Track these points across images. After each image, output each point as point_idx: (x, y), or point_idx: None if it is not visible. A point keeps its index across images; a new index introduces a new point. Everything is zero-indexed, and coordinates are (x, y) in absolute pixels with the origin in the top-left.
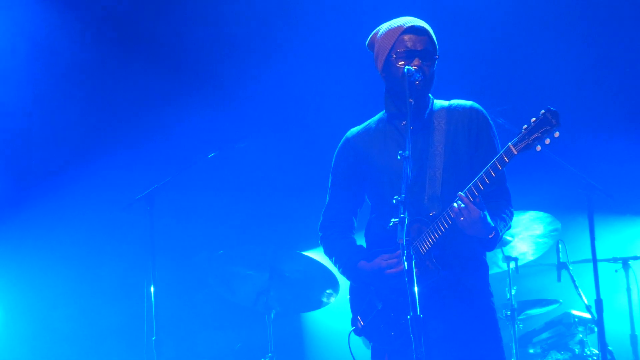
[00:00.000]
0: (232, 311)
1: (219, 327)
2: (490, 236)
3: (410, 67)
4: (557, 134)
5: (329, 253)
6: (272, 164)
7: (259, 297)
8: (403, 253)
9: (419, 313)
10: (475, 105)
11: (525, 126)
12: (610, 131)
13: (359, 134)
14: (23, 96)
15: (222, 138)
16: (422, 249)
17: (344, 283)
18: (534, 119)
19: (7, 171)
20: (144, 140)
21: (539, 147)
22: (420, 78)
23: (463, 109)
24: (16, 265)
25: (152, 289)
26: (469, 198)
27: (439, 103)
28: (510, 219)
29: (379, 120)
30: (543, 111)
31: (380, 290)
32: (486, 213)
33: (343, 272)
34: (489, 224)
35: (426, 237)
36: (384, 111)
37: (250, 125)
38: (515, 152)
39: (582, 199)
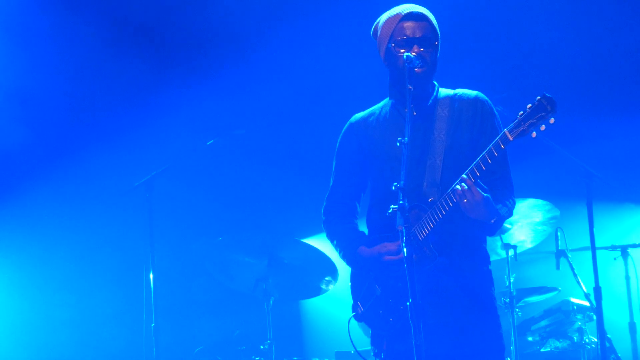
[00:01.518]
0: (230, 298)
1: (217, 314)
2: (492, 221)
3: (409, 54)
4: (552, 120)
5: (330, 237)
6: (271, 150)
7: (257, 284)
8: (402, 239)
9: (418, 300)
10: (481, 95)
11: (521, 112)
12: (609, 119)
13: (362, 119)
14: (20, 84)
15: (221, 125)
16: (420, 235)
17: (342, 270)
18: (529, 105)
19: (6, 158)
20: (143, 127)
21: (534, 134)
22: (420, 64)
23: (468, 98)
24: (15, 252)
25: (151, 275)
26: (470, 180)
27: (444, 91)
28: (512, 208)
29: (384, 107)
30: (539, 97)
31: (379, 276)
32: (489, 196)
33: (343, 257)
34: (492, 207)
35: (424, 223)
36: (388, 98)
37: (249, 112)
38: (511, 139)
39: (581, 187)
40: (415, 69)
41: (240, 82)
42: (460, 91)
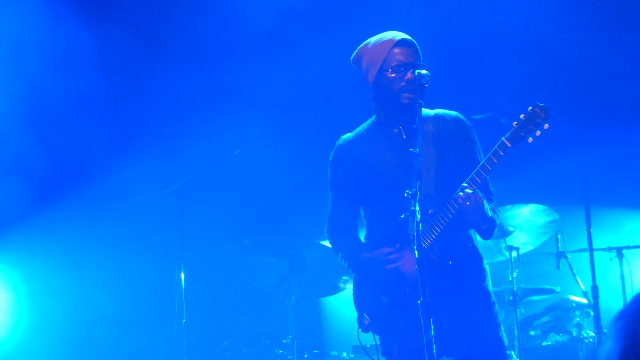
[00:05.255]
0: (255, 296)
1: (243, 311)
2: (484, 226)
3: (420, 70)
4: (546, 126)
5: (336, 251)
6: (293, 159)
7: (280, 283)
8: (414, 243)
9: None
10: (460, 115)
11: (515, 122)
12: (604, 127)
13: (350, 140)
14: (63, 97)
15: (247, 136)
16: (424, 244)
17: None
18: (522, 115)
19: (55, 167)
20: (175, 139)
21: (530, 139)
22: (411, 90)
23: (449, 117)
24: (60, 253)
25: (182, 275)
26: (472, 186)
27: (424, 111)
28: (498, 214)
29: (369, 127)
30: (531, 107)
31: (384, 284)
32: (485, 202)
33: (349, 266)
34: (486, 212)
35: (427, 233)
36: (374, 117)
37: (273, 124)
38: (509, 145)
39: (579, 192)
40: (403, 94)
41: (265, 95)
42: (440, 111)
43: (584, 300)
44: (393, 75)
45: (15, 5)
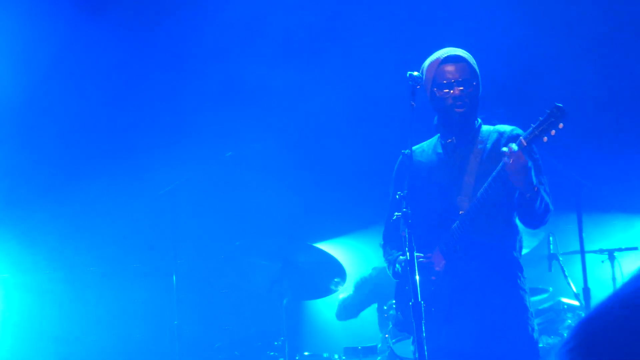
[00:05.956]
0: (247, 298)
1: (235, 313)
2: (528, 195)
3: (412, 73)
4: (561, 125)
5: (384, 257)
6: (285, 162)
7: (272, 286)
8: (405, 245)
9: (420, 300)
10: (516, 129)
11: (533, 124)
12: (598, 133)
13: (412, 152)
14: (56, 99)
15: (239, 139)
16: (451, 243)
17: (350, 273)
18: (540, 117)
19: (48, 167)
20: (168, 141)
21: (545, 138)
22: (460, 105)
23: (504, 130)
24: (52, 255)
25: (174, 277)
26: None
27: (485, 127)
28: (549, 203)
29: (435, 139)
30: (548, 111)
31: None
32: (532, 166)
33: (388, 270)
34: (531, 177)
35: (456, 232)
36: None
37: (266, 126)
38: (525, 144)
39: (572, 196)
40: (456, 109)
41: (257, 98)
42: (499, 126)
43: (576, 303)
44: (442, 92)
45: (12, 6)
